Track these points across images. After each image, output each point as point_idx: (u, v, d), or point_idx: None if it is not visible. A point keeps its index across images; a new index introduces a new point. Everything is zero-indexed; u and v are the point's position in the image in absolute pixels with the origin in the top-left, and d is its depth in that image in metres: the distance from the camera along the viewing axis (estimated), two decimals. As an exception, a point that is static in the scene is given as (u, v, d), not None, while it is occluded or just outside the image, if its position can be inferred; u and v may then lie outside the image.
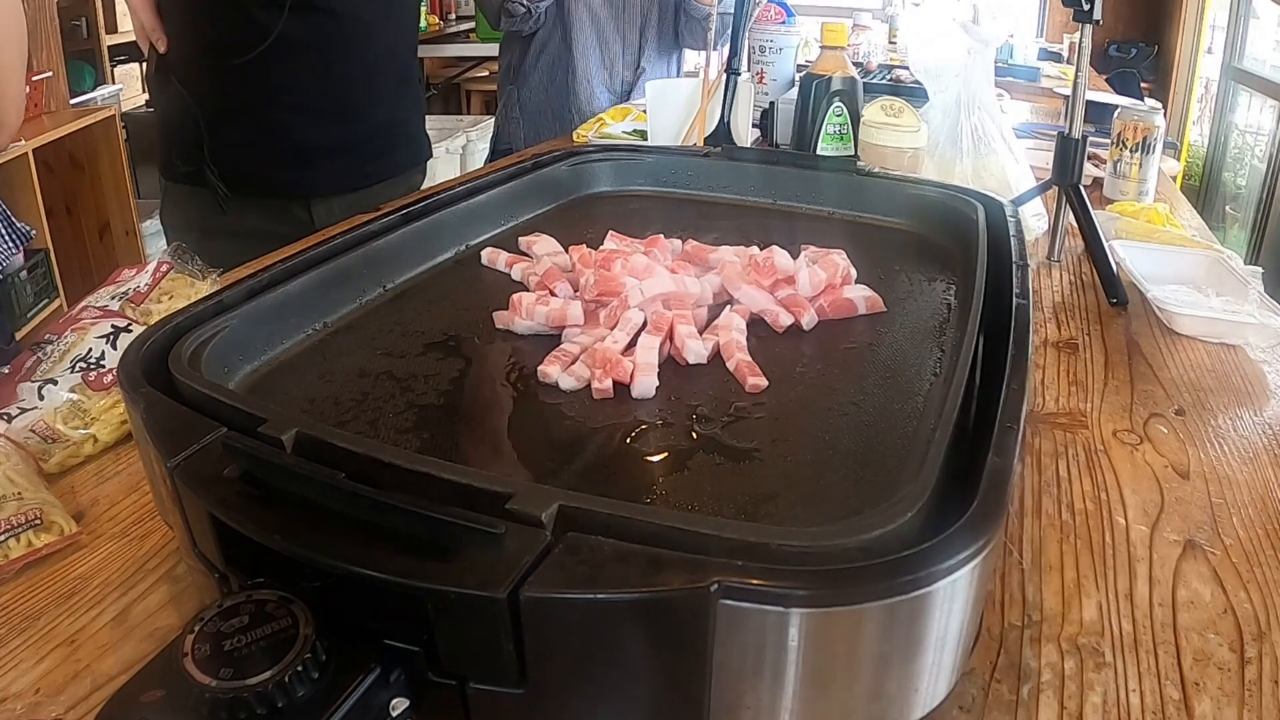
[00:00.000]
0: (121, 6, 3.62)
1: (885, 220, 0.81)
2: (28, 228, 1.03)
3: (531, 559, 0.32)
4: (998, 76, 1.97)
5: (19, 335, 2.17)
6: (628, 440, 0.49)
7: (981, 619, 0.45)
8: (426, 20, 4.21)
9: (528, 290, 0.66)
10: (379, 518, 0.34)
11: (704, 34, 1.86)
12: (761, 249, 0.68)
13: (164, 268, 0.76)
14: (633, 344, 0.57)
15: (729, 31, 1.20)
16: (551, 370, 0.55)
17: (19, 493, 0.53)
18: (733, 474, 0.46)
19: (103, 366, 0.66)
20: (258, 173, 1.20)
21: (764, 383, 0.54)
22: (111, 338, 0.69)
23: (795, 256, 0.66)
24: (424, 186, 1.39)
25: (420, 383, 0.55)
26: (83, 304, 0.73)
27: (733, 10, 1.19)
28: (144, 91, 3.69)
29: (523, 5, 1.67)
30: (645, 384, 0.53)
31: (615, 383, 0.53)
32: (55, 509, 0.53)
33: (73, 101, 2.67)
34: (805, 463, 0.47)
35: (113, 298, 0.74)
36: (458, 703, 0.34)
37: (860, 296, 0.64)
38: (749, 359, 0.56)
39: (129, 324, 0.70)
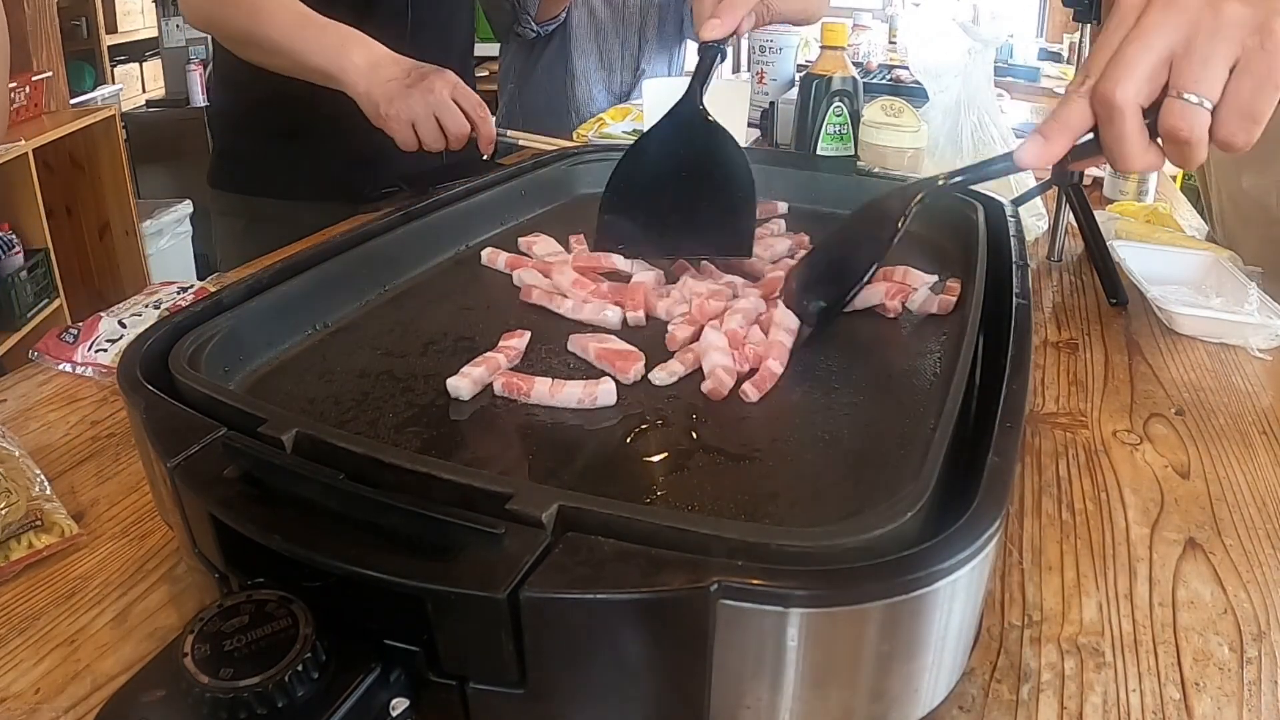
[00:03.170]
0: (122, 6, 3.62)
1: (885, 220, 0.81)
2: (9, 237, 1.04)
3: (531, 559, 0.32)
4: (998, 76, 1.97)
5: (19, 335, 2.17)
6: (628, 440, 0.49)
7: (981, 619, 0.45)
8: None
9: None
10: (379, 518, 0.34)
11: None
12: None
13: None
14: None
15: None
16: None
17: (19, 493, 0.53)
18: (733, 474, 0.46)
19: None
20: (303, 172, 1.21)
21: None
22: (183, 288, 0.76)
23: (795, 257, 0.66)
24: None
25: (420, 383, 0.55)
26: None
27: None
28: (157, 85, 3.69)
29: (533, 30, 1.69)
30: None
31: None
32: (56, 509, 0.53)
33: (73, 101, 2.67)
34: (805, 463, 0.47)
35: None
36: (458, 703, 0.34)
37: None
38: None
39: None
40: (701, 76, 0.72)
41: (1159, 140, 0.48)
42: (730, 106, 1.29)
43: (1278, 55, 0.44)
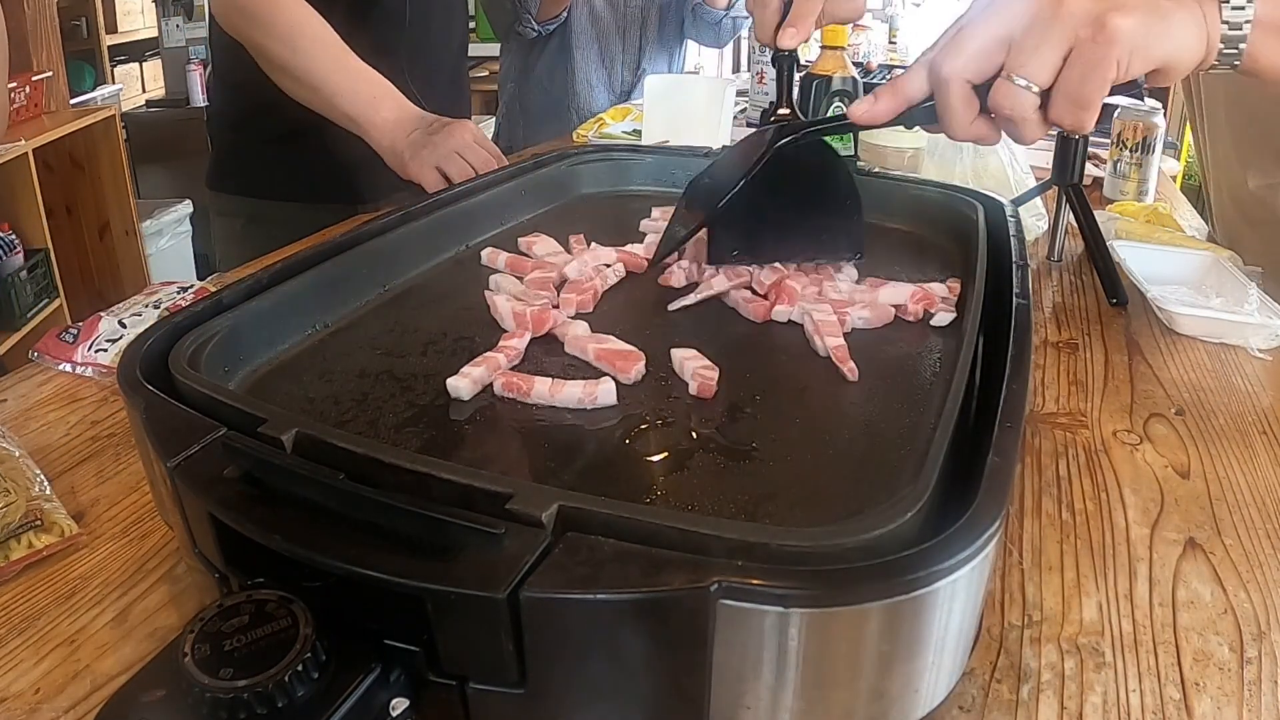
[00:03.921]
0: (122, 6, 3.63)
1: (885, 220, 0.81)
2: None
3: (531, 559, 0.32)
4: (998, 76, 1.96)
5: (19, 335, 2.17)
6: (628, 440, 0.49)
7: (981, 619, 0.45)
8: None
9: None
10: (379, 518, 0.34)
11: (715, 35, 1.87)
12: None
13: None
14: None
15: (738, 33, 1.19)
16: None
17: (19, 493, 0.53)
18: (733, 474, 0.46)
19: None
20: (302, 173, 1.20)
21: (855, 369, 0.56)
22: (183, 288, 0.77)
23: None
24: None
25: (420, 383, 0.55)
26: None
27: (746, 12, 1.18)
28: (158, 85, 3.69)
29: (534, 30, 1.69)
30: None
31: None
32: (56, 509, 0.53)
33: (73, 101, 2.67)
34: (805, 462, 0.47)
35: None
36: (458, 703, 0.34)
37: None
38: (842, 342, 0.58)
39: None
40: (787, 86, 0.78)
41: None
42: (709, 105, 1.29)
43: (1108, 48, 0.48)
